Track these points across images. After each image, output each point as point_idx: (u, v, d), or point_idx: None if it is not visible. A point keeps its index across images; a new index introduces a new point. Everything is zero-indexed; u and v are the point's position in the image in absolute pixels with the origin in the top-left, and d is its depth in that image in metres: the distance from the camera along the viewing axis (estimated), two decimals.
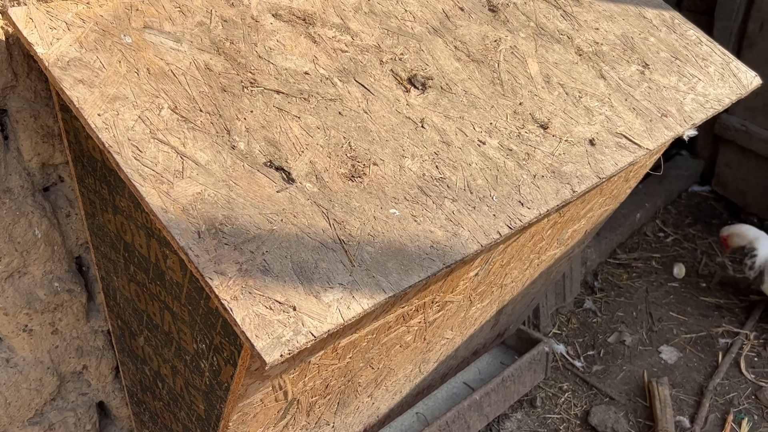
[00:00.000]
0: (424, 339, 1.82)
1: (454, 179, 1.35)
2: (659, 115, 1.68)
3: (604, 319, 3.21)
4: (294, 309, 1.03)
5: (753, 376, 2.88)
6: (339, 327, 1.05)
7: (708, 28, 3.81)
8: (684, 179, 4.13)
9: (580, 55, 1.74)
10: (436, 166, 1.35)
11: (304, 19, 1.48)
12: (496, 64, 1.61)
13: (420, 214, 1.26)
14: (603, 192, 1.97)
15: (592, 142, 1.55)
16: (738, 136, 3.80)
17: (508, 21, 1.73)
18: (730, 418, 2.66)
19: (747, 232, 3.15)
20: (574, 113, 1.59)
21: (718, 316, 3.21)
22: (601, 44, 1.79)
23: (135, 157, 1.10)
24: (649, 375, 2.88)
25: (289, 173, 1.20)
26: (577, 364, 2.97)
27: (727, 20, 3.69)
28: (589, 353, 3.03)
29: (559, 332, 3.14)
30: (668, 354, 2.99)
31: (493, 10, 1.74)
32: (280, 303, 1.03)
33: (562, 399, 2.80)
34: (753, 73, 1.92)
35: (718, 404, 2.76)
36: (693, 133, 1.70)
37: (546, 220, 1.78)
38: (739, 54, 3.69)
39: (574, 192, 1.44)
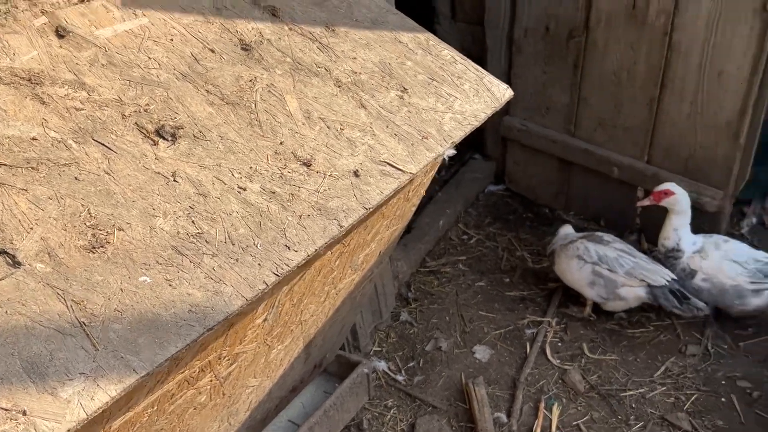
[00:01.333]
0: (223, 394, 1.74)
1: (213, 233, 1.29)
2: (420, 137, 1.73)
3: (420, 328, 3.29)
4: (24, 414, 0.92)
5: (558, 360, 3.08)
6: (82, 423, 0.95)
7: (482, 37, 4.07)
8: (480, 181, 4.36)
9: (340, 86, 1.75)
10: (193, 221, 1.29)
11: (29, 79, 1.35)
12: (253, 105, 1.57)
13: (175, 277, 1.19)
14: (386, 215, 2.00)
15: (356, 174, 1.55)
16: (520, 135, 4.08)
17: (263, 59, 1.70)
18: (542, 405, 2.83)
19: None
20: (336, 146, 1.59)
21: (523, 308, 3.41)
22: (360, 73, 1.81)
23: None
24: (466, 377, 3.00)
25: (14, 256, 1.08)
26: (399, 378, 3.01)
27: (496, 29, 3.96)
28: (409, 365, 3.09)
29: (380, 349, 3.17)
30: (481, 353, 3.13)
31: (246, 48, 1.70)
32: (6, 410, 0.91)
33: (388, 416, 2.83)
34: (505, 86, 2.04)
35: (531, 394, 2.92)
36: (452, 152, 1.77)
37: (330, 253, 1.78)
38: (511, 59, 3.97)
39: (341, 227, 1.44)
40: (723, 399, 2.84)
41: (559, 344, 3.17)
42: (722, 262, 3.04)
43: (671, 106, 3.34)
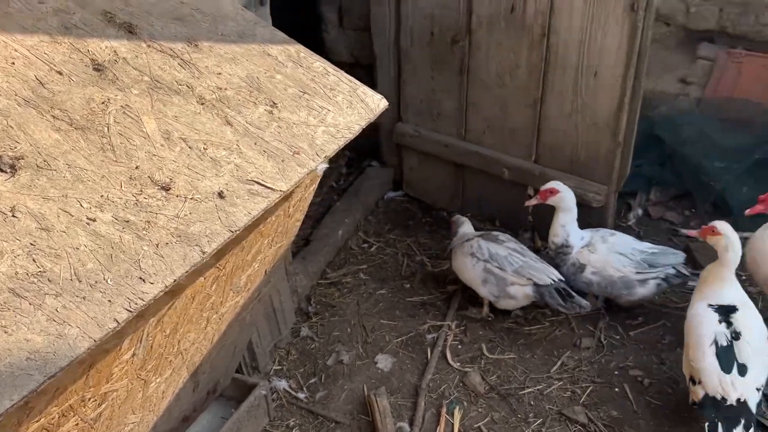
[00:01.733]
0: None
1: (57, 270, 1.20)
2: (291, 153, 1.68)
3: (321, 342, 3.24)
4: None
5: (458, 363, 3.10)
6: None
7: (371, 44, 4.06)
8: (378, 188, 4.35)
9: (203, 103, 1.68)
10: (33, 259, 1.19)
11: None
12: (106, 128, 1.48)
13: (12, 322, 1.09)
14: (266, 233, 1.94)
15: (221, 195, 1.49)
16: (414, 141, 4.10)
17: (117, 79, 1.61)
18: (443, 410, 2.83)
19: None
20: (199, 167, 1.52)
21: (424, 313, 3.41)
22: (226, 89, 1.75)
23: None
24: (369, 388, 2.97)
25: None
26: (301, 395, 2.95)
27: (383, 36, 3.96)
28: (311, 381, 3.03)
29: (280, 367, 3.10)
30: (384, 362, 3.11)
31: (98, 69, 1.60)
32: None
33: None
34: (379, 96, 2.01)
35: (433, 400, 2.92)
36: (324, 166, 1.74)
37: (203, 278, 1.70)
38: (400, 66, 3.98)
39: (204, 253, 1.37)
40: (617, 389, 2.93)
41: (459, 347, 3.19)
42: (609, 255, 3.14)
43: (553, 106, 3.43)
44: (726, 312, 2.62)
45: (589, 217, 3.55)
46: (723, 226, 2.71)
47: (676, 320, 3.26)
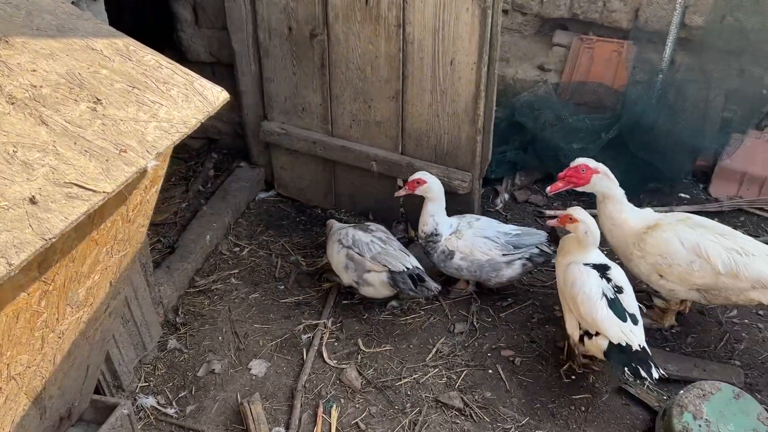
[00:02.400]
0: None
1: None
2: (117, 151, 1.56)
3: (191, 354, 3.09)
4: None
5: (335, 361, 3.05)
6: None
7: (229, 41, 3.93)
8: (248, 189, 4.23)
9: (13, 103, 1.52)
10: None
11: None
12: None
13: None
14: (101, 241, 1.80)
15: (33, 201, 1.35)
16: (281, 139, 4.01)
17: None
18: (320, 410, 2.77)
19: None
20: (8, 172, 1.38)
21: (299, 313, 3.34)
22: (41, 87, 1.60)
23: None
24: (243, 396, 2.86)
25: None
26: (170, 411, 2.80)
27: (241, 32, 3.84)
28: (181, 395, 2.89)
29: (147, 384, 2.93)
30: (258, 368, 3.01)
31: None
32: None
33: None
34: (219, 89, 1.92)
35: (309, 400, 2.85)
36: (154, 163, 1.63)
37: (26, 294, 1.55)
38: (260, 63, 3.87)
39: (11, 265, 1.24)
40: (490, 371, 2.98)
41: (336, 344, 3.15)
42: (475, 240, 3.19)
43: (414, 97, 3.45)
44: (603, 269, 2.76)
45: (456, 205, 3.60)
46: (578, 212, 2.81)
47: (544, 298, 3.36)
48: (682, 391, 2.59)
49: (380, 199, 3.95)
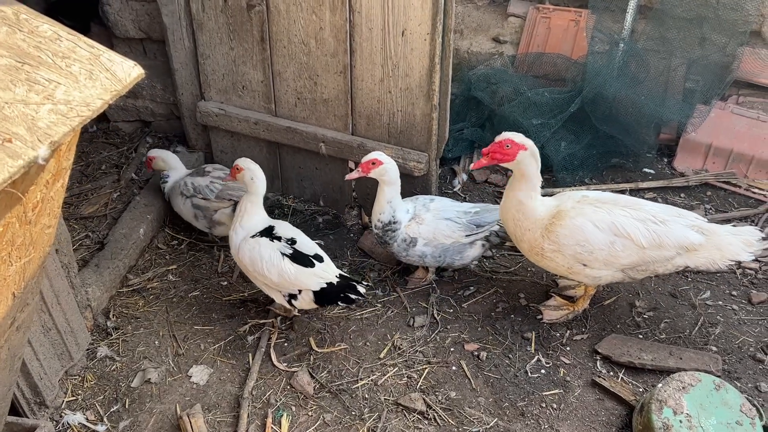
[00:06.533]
0: None
1: None
2: (0, 141, 1.25)
3: (124, 362, 2.79)
4: None
5: (285, 364, 2.78)
6: None
7: (159, 15, 3.57)
8: None
9: None
10: None
11: None
12: None
13: None
14: None
15: None
16: (220, 120, 3.69)
17: None
18: (269, 421, 2.51)
19: (169, 159, 3.49)
20: None
21: (244, 311, 3.06)
22: None
23: None
24: (183, 408, 2.58)
25: None
26: (101, 428, 2.50)
27: (171, 4, 3.49)
28: (113, 409, 2.59)
29: (74, 398, 2.62)
30: (199, 375, 2.72)
31: None
32: None
33: None
34: (131, 63, 1.62)
35: (257, 410, 2.59)
36: (47, 153, 1.33)
37: None
38: (194, 38, 3.54)
39: None
40: (454, 367, 2.76)
41: (285, 344, 2.88)
42: (438, 223, 2.95)
43: (364, 71, 3.17)
44: (269, 232, 2.81)
45: (412, 188, 3.35)
46: (244, 161, 2.89)
47: (508, 285, 3.16)
48: (660, 384, 2.42)
49: (331, 184, 3.68)
